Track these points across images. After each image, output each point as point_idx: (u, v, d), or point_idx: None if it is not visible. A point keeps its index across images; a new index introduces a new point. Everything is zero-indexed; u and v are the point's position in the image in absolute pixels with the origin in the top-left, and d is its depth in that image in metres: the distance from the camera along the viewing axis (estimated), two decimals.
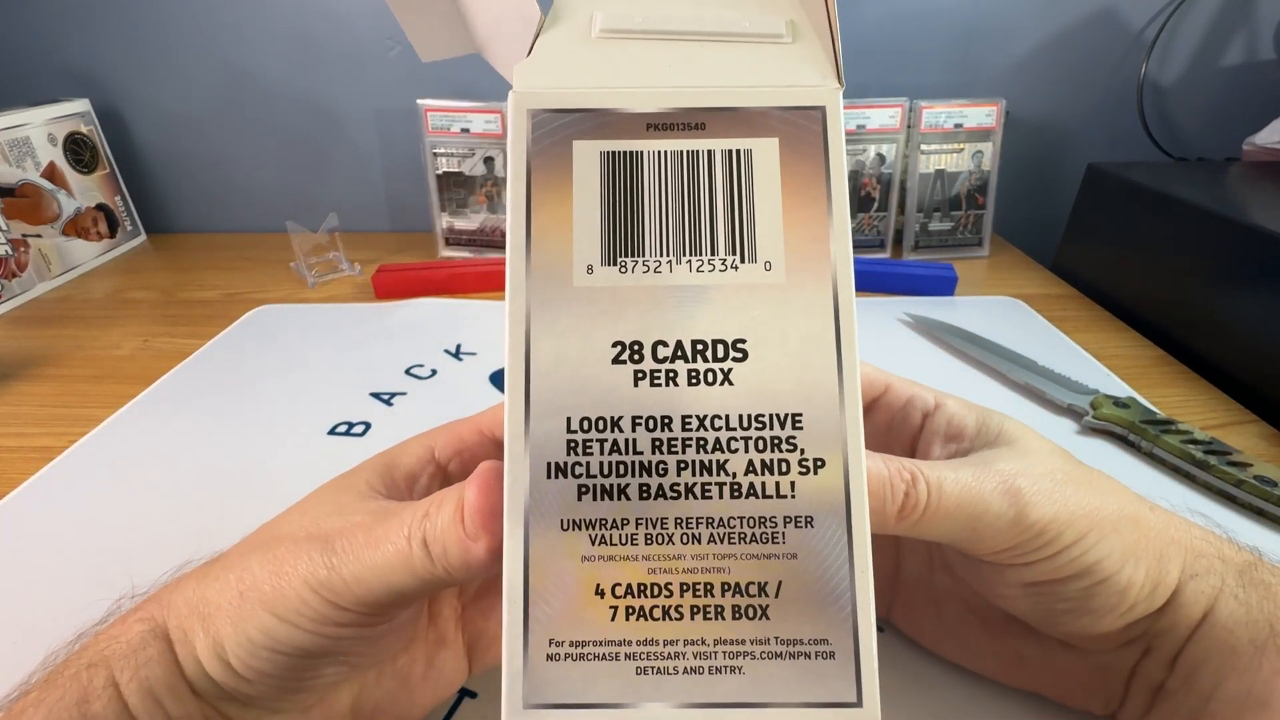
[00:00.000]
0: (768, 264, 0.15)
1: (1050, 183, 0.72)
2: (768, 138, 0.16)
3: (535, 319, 0.15)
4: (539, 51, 0.16)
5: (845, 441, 0.15)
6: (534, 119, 0.16)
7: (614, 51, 0.16)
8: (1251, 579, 0.19)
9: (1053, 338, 0.48)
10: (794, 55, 0.16)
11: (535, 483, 0.14)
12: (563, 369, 0.15)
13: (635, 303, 0.15)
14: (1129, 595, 0.18)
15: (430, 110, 0.60)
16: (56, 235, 0.60)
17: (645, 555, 0.14)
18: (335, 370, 0.44)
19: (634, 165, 0.15)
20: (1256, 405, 0.41)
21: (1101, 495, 0.19)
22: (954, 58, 0.67)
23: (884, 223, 0.64)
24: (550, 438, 0.14)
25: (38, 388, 0.43)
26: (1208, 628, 0.18)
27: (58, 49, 0.66)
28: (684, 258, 0.15)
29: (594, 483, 0.14)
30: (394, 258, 0.65)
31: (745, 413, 0.15)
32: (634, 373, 0.15)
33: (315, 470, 0.22)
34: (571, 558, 0.14)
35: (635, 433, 0.15)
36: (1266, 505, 0.31)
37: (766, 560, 0.14)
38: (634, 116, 0.16)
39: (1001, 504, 0.18)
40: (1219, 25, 0.66)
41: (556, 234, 0.15)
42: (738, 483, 0.15)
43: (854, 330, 0.15)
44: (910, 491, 0.17)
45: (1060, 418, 0.39)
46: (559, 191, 0.15)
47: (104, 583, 0.27)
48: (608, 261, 0.15)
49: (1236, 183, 0.56)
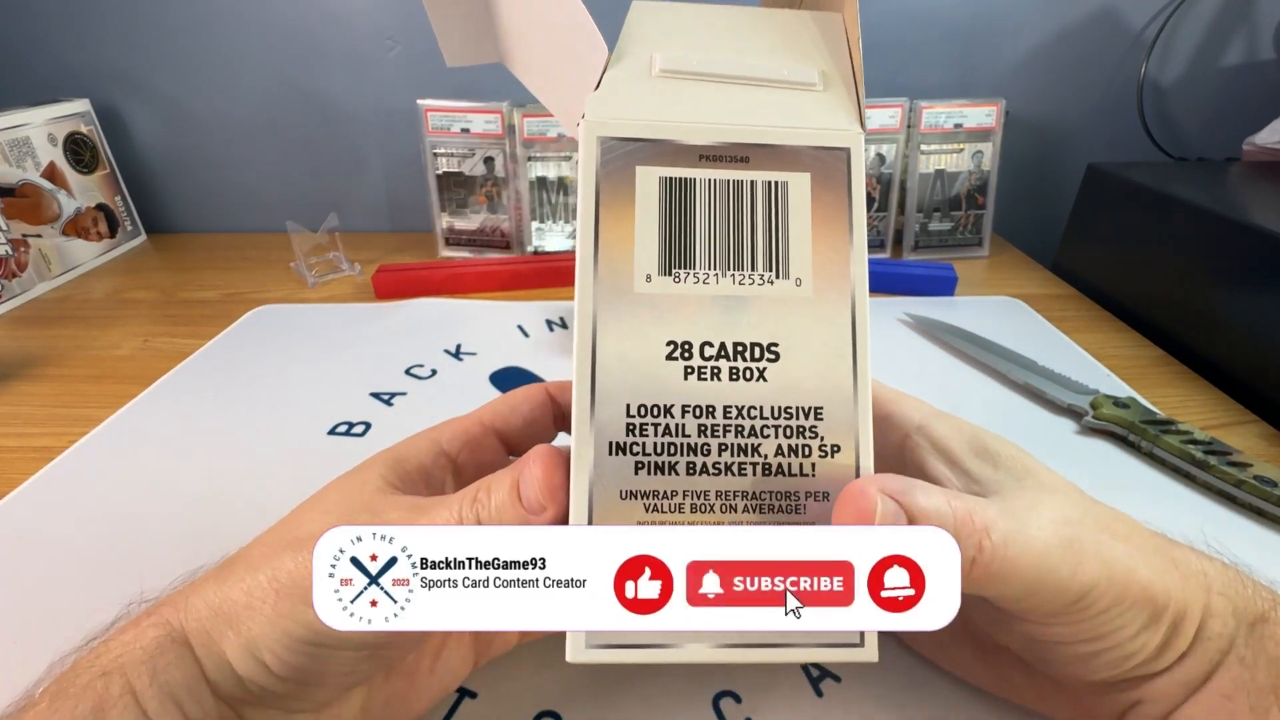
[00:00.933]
0: (798, 280, 0.18)
1: (1050, 183, 0.73)
2: (801, 172, 0.18)
3: (601, 320, 0.17)
4: (606, 85, 0.19)
5: (858, 432, 0.17)
6: (603, 145, 0.18)
7: (672, 90, 0.19)
8: (1261, 635, 0.18)
9: (1053, 338, 0.48)
10: (824, 102, 0.19)
11: (599, 459, 0.17)
12: (624, 363, 0.17)
13: (686, 308, 0.17)
14: (1133, 660, 0.18)
15: (430, 110, 0.60)
16: (56, 235, 0.60)
17: (690, 522, 0.17)
18: (335, 370, 0.44)
19: (688, 190, 0.18)
20: (1256, 405, 0.41)
21: (1134, 551, 0.18)
22: (954, 58, 0.67)
23: (884, 223, 0.64)
24: (612, 421, 0.17)
25: (38, 388, 0.43)
26: (1207, 693, 0.18)
27: (58, 49, 0.66)
28: (728, 272, 0.18)
29: (648, 460, 0.17)
30: (394, 258, 0.65)
31: (776, 405, 0.17)
32: (684, 368, 0.17)
33: (315, 470, 0.22)
34: (628, 522, 0.17)
35: (684, 419, 0.17)
36: (1266, 505, 0.31)
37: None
38: (689, 148, 0.18)
39: (1064, 563, 0.16)
40: (1219, 25, 0.66)
41: (620, 247, 0.17)
42: (768, 463, 0.17)
43: (868, 340, 0.17)
44: (984, 543, 0.16)
45: (1060, 418, 0.39)
46: (623, 209, 0.18)
47: (104, 582, 0.28)
48: (664, 272, 0.17)
49: (1236, 183, 0.56)
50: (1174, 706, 0.18)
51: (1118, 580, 0.17)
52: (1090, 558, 0.17)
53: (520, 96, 0.61)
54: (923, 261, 0.62)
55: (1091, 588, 0.17)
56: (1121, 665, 0.18)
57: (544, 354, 0.46)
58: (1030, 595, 0.17)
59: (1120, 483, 0.34)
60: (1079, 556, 0.17)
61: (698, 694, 0.23)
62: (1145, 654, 0.17)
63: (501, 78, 0.65)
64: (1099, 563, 0.17)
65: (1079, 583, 0.17)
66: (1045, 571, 0.16)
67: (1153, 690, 0.18)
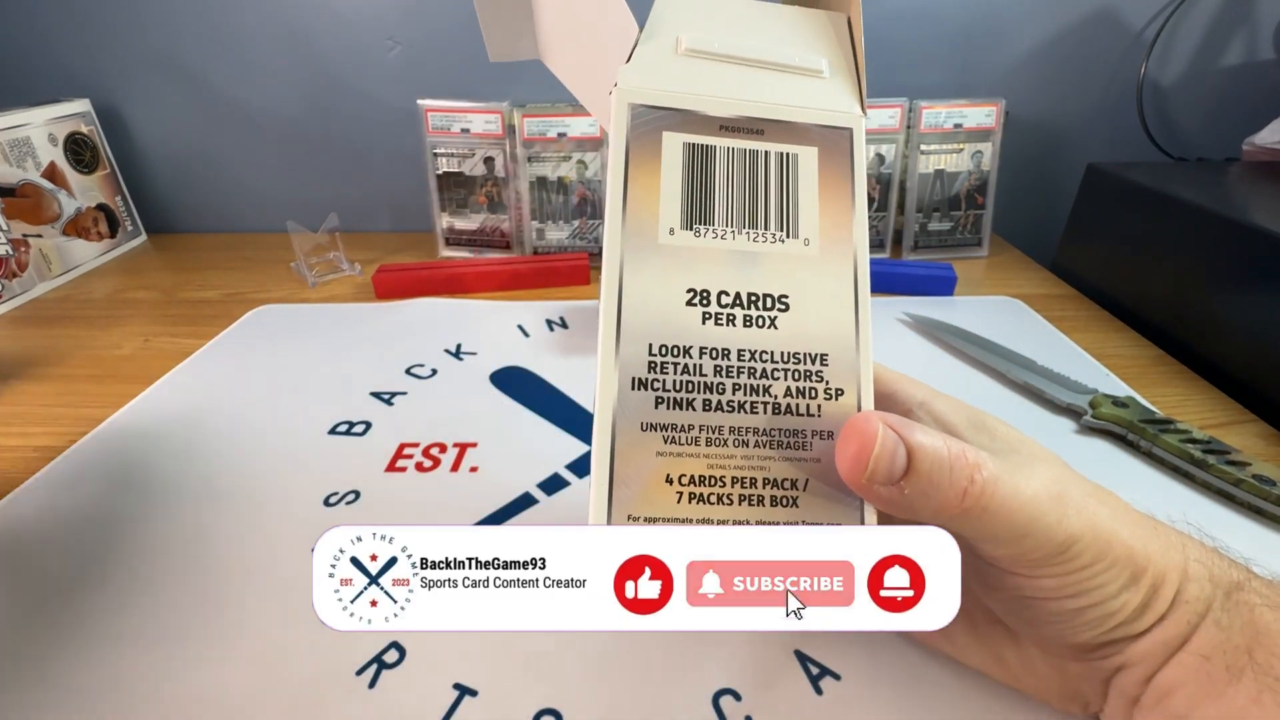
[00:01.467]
0: (806, 240, 0.19)
1: (1050, 183, 0.73)
2: (810, 146, 0.20)
3: (627, 266, 0.18)
4: (637, 59, 0.20)
5: (860, 377, 0.19)
6: (633, 110, 0.19)
7: (696, 67, 0.20)
8: (1237, 601, 0.19)
9: (1052, 337, 0.48)
10: (831, 87, 0.21)
11: (622, 393, 0.18)
12: (647, 306, 0.18)
13: (705, 260, 0.19)
14: (1115, 619, 0.19)
15: (431, 110, 0.60)
16: (57, 235, 0.60)
17: (705, 454, 0.18)
18: (336, 370, 0.44)
19: (708, 156, 0.19)
20: (1255, 404, 0.41)
21: (1117, 515, 0.19)
22: (954, 58, 0.67)
23: (883, 223, 0.64)
24: (635, 358, 0.18)
25: (39, 387, 0.43)
26: (1186, 654, 0.18)
27: (58, 49, 0.66)
28: (744, 229, 0.19)
29: (668, 395, 0.18)
30: (394, 258, 0.65)
31: (785, 350, 0.19)
32: (702, 314, 0.19)
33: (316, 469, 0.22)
34: (648, 453, 0.18)
35: (701, 359, 0.18)
36: (1265, 504, 0.31)
37: (798, 462, 0.18)
38: (710, 119, 0.20)
39: (1051, 512, 0.18)
40: (1218, 25, 0.66)
41: (646, 202, 0.19)
42: (778, 403, 0.18)
43: (868, 295, 0.19)
44: (976, 476, 0.17)
45: (1059, 417, 0.39)
46: (649, 168, 0.19)
47: (104, 582, 0.28)
48: (686, 226, 0.19)
49: (1236, 183, 0.56)
50: (1155, 669, 0.19)
51: (1101, 536, 0.18)
52: (1076, 513, 0.18)
53: (520, 97, 0.61)
54: (922, 261, 0.62)
55: (1077, 539, 0.18)
56: (1104, 625, 0.19)
57: (544, 354, 0.46)
58: (1019, 540, 0.18)
59: (1119, 481, 0.33)
60: (1065, 509, 0.18)
61: (697, 692, 0.23)
62: (1126, 613, 0.18)
63: (502, 78, 0.65)
64: (1084, 519, 0.18)
65: (1064, 532, 0.18)
66: (1034, 516, 0.18)
67: (1135, 653, 0.19)
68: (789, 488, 0.18)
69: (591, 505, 0.17)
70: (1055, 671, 0.21)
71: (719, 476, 0.18)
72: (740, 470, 0.18)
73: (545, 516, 0.31)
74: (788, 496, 0.18)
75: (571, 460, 0.35)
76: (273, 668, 0.24)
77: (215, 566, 0.28)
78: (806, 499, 0.18)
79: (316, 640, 0.25)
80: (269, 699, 0.23)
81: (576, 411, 0.40)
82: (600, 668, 0.24)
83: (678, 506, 0.17)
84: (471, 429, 0.37)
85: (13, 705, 0.23)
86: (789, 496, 0.18)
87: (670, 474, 0.18)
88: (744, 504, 0.18)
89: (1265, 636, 0.18)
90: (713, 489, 0.18)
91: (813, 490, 0.18)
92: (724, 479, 0.18)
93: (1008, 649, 0.22)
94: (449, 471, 0.34)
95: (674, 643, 0.25)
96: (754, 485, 0.18)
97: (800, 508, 0.18)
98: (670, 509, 0.17)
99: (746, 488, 0.18)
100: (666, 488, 0.17)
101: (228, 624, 0.26)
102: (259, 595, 0.27)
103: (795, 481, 0.18)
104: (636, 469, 0.17)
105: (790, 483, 0.18)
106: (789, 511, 0.18)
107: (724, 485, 0.18)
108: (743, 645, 0.25)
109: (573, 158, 0.60)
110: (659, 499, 0.17)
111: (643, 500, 0.17)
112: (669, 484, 0.18)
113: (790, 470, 0.18)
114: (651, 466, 0.18)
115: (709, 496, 0.18)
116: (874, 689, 0.24)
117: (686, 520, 0.17)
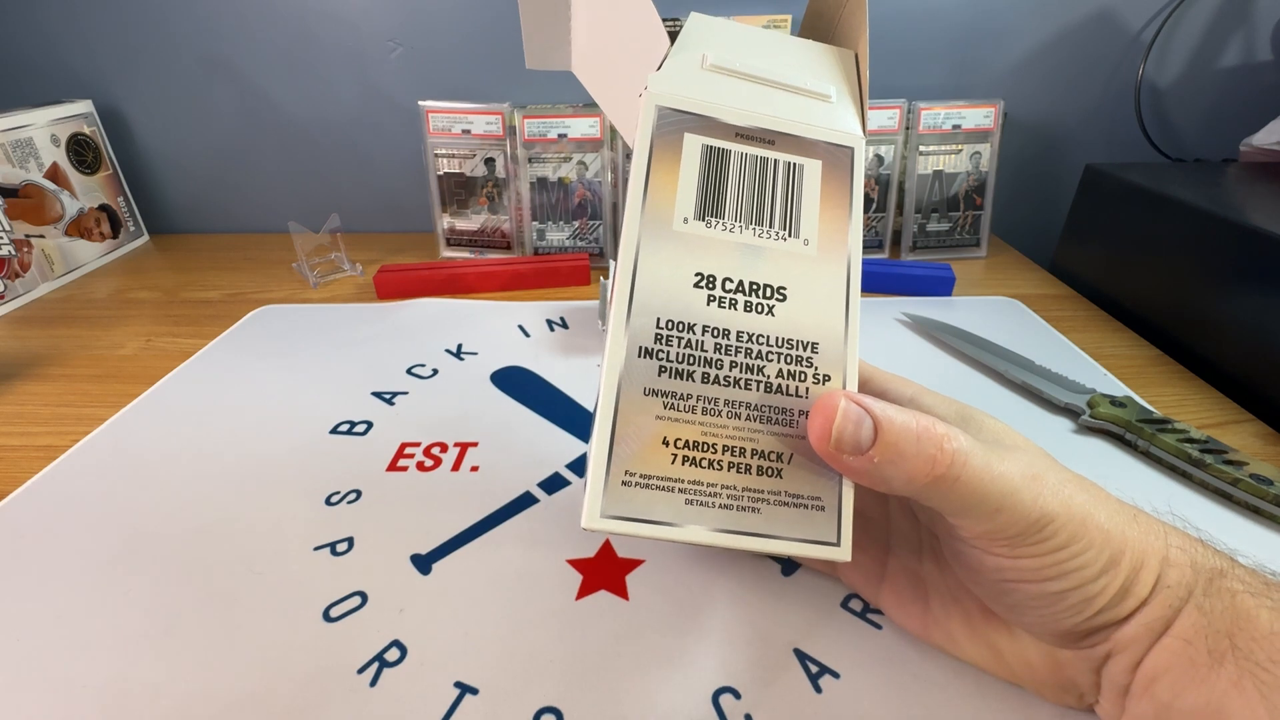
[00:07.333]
0: (806, 240, 0.21)
1: (1048, 183, 0.73)
2: (815, 159, 0.22)
3: (643, 247, 0.20)
4: (666, 68, 0.22)
5: (845, 367, 0.21)
6: (659, 112, 0.21)
7: (718, 81, 0.22)
8: (1219, 588, 0.19)
9: (1050, 337, 0.48)
10: (836, 110, 0.23)
11: (629, 359, 0.19)
12: (658, 284, 0.20)
13: (714, 249, 0.21)
14: (1096, 603, 0.19)
15: (431, 112, 0.61)
16: (59, 236, 0.60)
17: (701, 422, 0.19)
18: (337, 370, 0.44)
19: (724, 158, 0.21)
20: (1252, 404, 0.41)
21: (1096, 500, 0.19)
22: (952, 59, 0.67)
23: (882, 223, 0.64)
24: (643, 329, 0.20)
25: (41, 387, 0.44)
26: (1169, 640, 0.19)
27: (60, 50, 0.66)
28: (751, 225, 0.21)
29: (671, 366, 0.20)
30: (395, 258, 0.65)
31: (780, 336, 0.20)
32: (707, 296, 0.20)
33: (317, 469, 0.22)
34: (648, 415, 0.19)
35: (703, 337, 0.20)
36: (1262, 504, 0.31)
37: (784, 438, 0.20)
38: (728, 126, 0.22)
39: (1026, 489, 0.18)
40: (1217, 26, 0.66)
41: (665, 192, 0.21)
42: (770, 382, 0.20)
43: (859, 295, 0.21)
44: (945, 445, 0.18)
45: (1057, 417, 0.39)
46: (670, 164, 0.21)
47: (105, 582, 0.28)
48: (699, 217, 0.21)
49: (1234, 184, 0.56)
50: (1141, 655, 0.19)
51: (1076, 516, 0.19)
52: (1052, 493, 0.19)
53: (520, 98, 0.61)
54: (921, 262, 0.62)
55: (1052, 518, 0.18)
56: (1086, 609, 0.19)
57: (544, 354, 0.46)
58: (994, 514, 0.19)
59: (1117, 481, 0.34)
60: (1041, 489, 0.19)
61: (697, 690, 0.24)
62: (1107, 597, 0.19)
63: (502, 80, 0.65)
64: (1059, 499, 0.19)
65: (1039, 509, 0.18)
66: (1007, 492, 0.18)
67: (1120, 639, 0.19)
68: (775, 459, 0.20)
69: (590, 458, 0.19)
70: (1049, 663, 0.22)
71: (711, 443, 0.19)
72: (731, 440, 0.20)
73: (545, 516, 0.32)
74: (773, 467, 0.20)
75: (572, 460, 0.35)
76: (274, 667, 0.24)
77: (217, 565, 0.29)
78: (790, 470, 0.20)
79: (318, 639, 0.25)
80: (271, 698, 0.23)
81: (577, 411, 0.40)
82: (600, 666, 0.24)
83: (672, 467, 0.19)
84: (472, 429, 0.38)
85: (13, 705, 0.23)
86: (774, 468, 0.20)
87: (667, 437, 0.19)
88: (733, 470, 0.19)
89: (1246, 622, 0.18)
90: (705, 454, 0.19)
91: (796, 464, 0.20)
92: (716, 446, 0.19)
93: (1003, 642, 0.22)
94: (450, 471, 0.34)
95: (674, 641, 0.25)
96: (743, 454, 0.20)
97: (784, 479, 0.20)
98: (665, 468, 0.19)
99: (736, 456, 0.19)
100: (662, 449, 0.19)
101: (229, 623, 0.26)
102: (260, 594, 0.27)
103: (781, 455, 0.20)
104: (636, 429, 0.19)
105: (776, 455, 0.20)
106: (774, 481, 0.20)
107: (715, 451, 0.19)
108: (743, 644, 0.25)
109: (573, 159, 0.60)
110: (655, 458, 0.19)
111: (639, 458, 0.19)
112: (665, 445, 0.19)
113: (777, 444, 0.20)
114: (650, 428, 0.19)
115: (701, 460, 0.19)
116: (873, 687, 0.24)
117: (679, 480, 0.19)
